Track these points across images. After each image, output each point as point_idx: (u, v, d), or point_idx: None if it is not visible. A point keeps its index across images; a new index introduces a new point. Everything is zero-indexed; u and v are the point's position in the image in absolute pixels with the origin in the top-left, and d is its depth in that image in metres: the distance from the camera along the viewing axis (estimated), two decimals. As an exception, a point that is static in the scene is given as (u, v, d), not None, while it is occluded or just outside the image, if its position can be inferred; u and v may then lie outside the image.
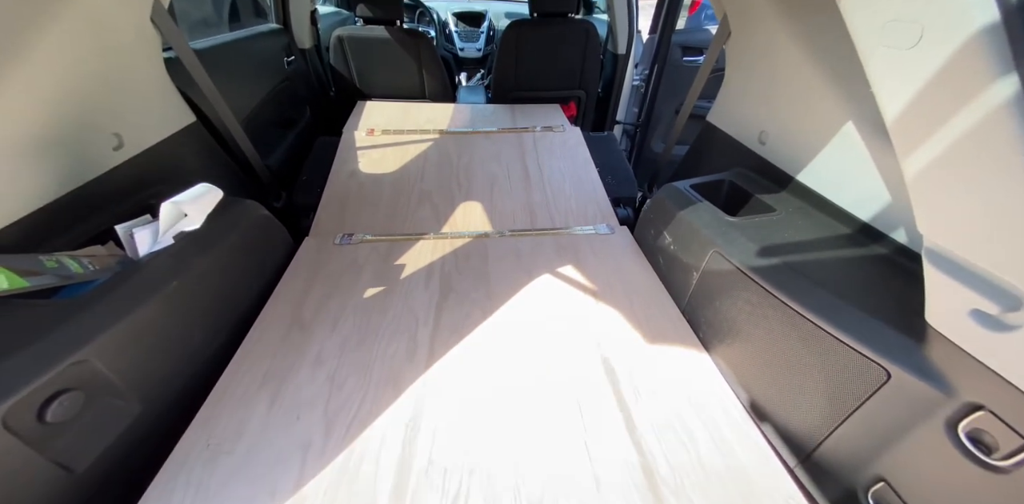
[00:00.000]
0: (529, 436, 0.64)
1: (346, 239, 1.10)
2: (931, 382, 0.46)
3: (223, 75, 1.10)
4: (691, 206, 0.91)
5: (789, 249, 0.70)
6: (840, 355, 0.55)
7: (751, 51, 0.97)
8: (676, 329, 0.85)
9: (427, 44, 1.97)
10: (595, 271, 1.01)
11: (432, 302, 0.90)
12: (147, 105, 0.89)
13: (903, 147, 0.45)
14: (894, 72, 0.44)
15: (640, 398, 0.71)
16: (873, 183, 0.67)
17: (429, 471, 0.58)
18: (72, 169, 0.70)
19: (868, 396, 0.52)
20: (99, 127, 0.76)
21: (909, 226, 0.63)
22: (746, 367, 0.72)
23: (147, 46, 0.88)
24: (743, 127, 1.04)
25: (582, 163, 1.47)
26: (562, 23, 1.99)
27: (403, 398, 0.68)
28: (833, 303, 0.58)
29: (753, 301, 0.69)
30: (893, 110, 0.45)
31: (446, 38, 3.40)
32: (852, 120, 0.70)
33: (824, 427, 0.59)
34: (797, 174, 0.85)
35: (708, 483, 0.58)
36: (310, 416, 0.64)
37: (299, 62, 1.85)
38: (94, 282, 0.60)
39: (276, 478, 0.56)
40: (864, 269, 0.64)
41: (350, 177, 1.32)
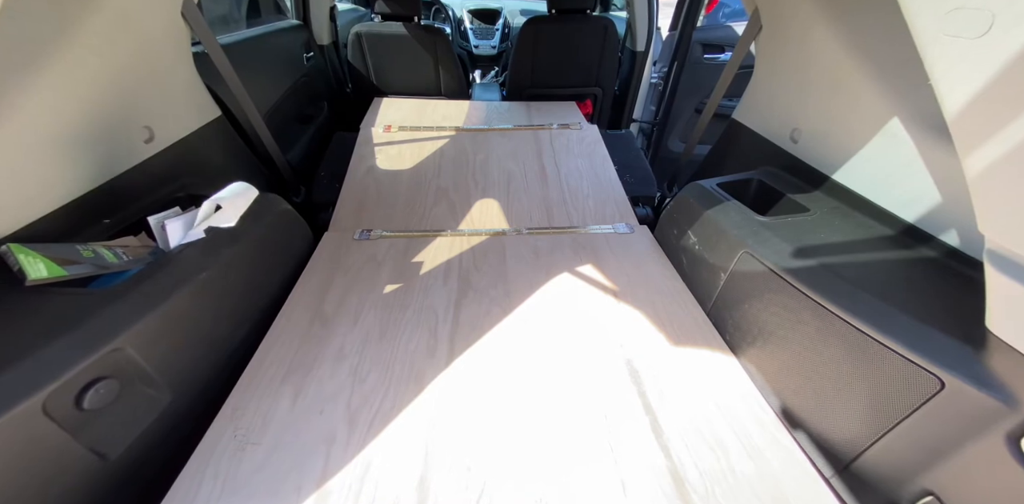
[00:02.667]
0: (552, 436, 0.62)
1: (364, 235, 1.10)
2: (992, 392, 0.43)
3: (245, 70, 1.11)
4: (718, 205, 0.88)
5: (827, 250, 0.67)
6: (886, 362, 0.53)
7: (783, 46, 0.94)
8: (701, 331, 0.83)
9: (443, 40, 1.97)
10: (615, 271, 0.99)
11: (451, 299, 0.90)
12: (176, 99, 0.90)
13: (965, 143, 0.43)
14: (958, 63, 0.41)
15: (666, 401, 0.69)
16: (920, 182, 0.64)
17: (453, 468, 0.57)
18: (105, 161, 0.71)
19: (917, 406, 0.50)
20: (131, 120, 0.77)
21: (963, 228, 0.60)
22: (778, 372, 0.69)
23: (177, 40, 0.89)
24: (773, 125, 1.01)
25: (600, 161, 1.45)
26: (581, 20, 1.97)
27: (425, 394, 0.68)
28: (879, 307, 0.55)
29: (787, 304, 0.66)
30: (955, 103, 0.42)
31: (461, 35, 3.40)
32: (897, 116, 0.67)
33: (865, 437, 0.56)
34: (833, 173, 0.82)
35: (739, 490, 0.56)
36: (333, 410, 0.64)
37: (317, 58, 1.86)
38: (128, 272, 0.61)
39: (302, 472, 0.56)
40: (911, 273, 0.61)
41: (367, 173, 1.32)
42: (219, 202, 0.69)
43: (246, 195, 0.74)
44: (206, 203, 0.68)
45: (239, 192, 0.73)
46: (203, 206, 0.68)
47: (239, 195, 0.72)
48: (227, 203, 0.70)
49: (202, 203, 0.68)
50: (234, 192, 0.72)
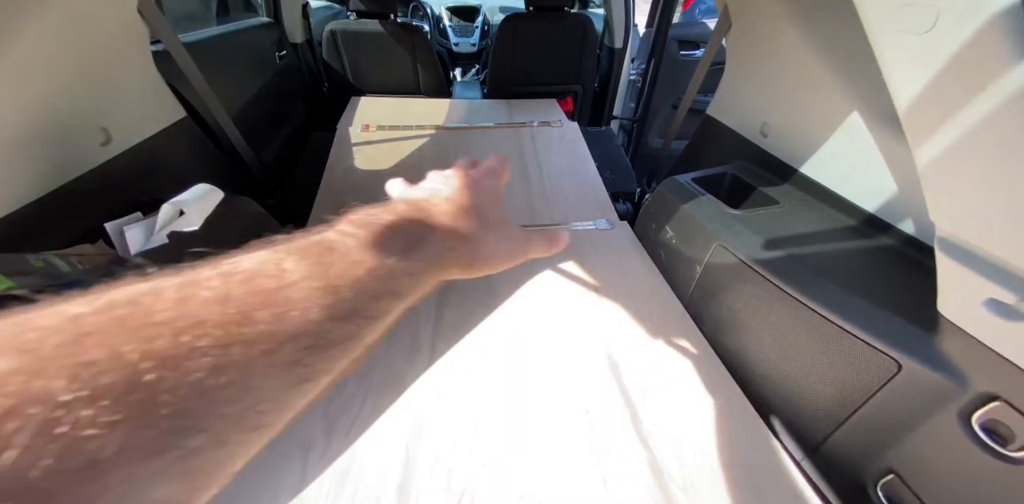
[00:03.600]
0: (535, 434, 0.63)
1: (343, 237, 1.08)
2: (944, 373, 0.46)
3: (213, 69, 1.07)
4: (693, 199, 0.90)
5: (794, 241, 0.70)
6: (849, 347, 0.55)
7: (752, 42, 0.96)
8: (680, 323, 0.84)
9: (421, 38, 1.94)
10: (596, 267, 1.00)
11: (432, 301, 0.89)
12: (135, 99, 0.86)
13: (916, 135, 0.44)
14: (908, 58, 0.43)
15: (645, 394, 0.70)
16: (880, 173, 0.66)
17: (434, 470, 0.57)
18: (57, 165, 0.67)
19: (878, 388, 0.52)
20: (85, 122, 0.73)
21: (918, 216, 0.63)
22: (751, 360, 0.71)
23: (134, 38, 0.85)
24: (745, 120, 1.03)
25: (580, 158, 1.46)
26: (559, 17, 1.97)
27: (405, 397, 0.67)
28: (840, 294, 0.57)
29: (758, 294, 0.68)
30: (906, 97, 0.44)
31: (440, 33, 3.36)
32: (858, 110, 0.69)
33: (832, 420, 0.58)
34: (801, 166, 0.85)
35: (717, 479, 0.58)
36: (310, 418, 0.62)
37: (291, 57, 1.81)
38: (83, 281, 0.58)
39: (278, 481, 0.54)
40: (872, 260, 0.64)
41: (346, 174, 1.30)
42: (181, 206, 0.66)
43: (210, 197, 0.71)
44: (166, 206, 0.65)
45: (202, 194, 0.70)
46: (162, 210, 0.65)
47: (203, 197, 0.70)
48: (190, 206, 0.67)
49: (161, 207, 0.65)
50: (197, 194, 0.69)
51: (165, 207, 0.65)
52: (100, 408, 0.10)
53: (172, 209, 0.66)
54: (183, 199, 0.67)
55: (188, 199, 0.68)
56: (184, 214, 0.66)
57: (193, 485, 0.12)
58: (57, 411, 0.10)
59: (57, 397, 0.10)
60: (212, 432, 0.12)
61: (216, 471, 0.13)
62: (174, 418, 0.11)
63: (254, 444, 0.14)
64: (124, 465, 0.10)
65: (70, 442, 0.10)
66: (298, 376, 0.15)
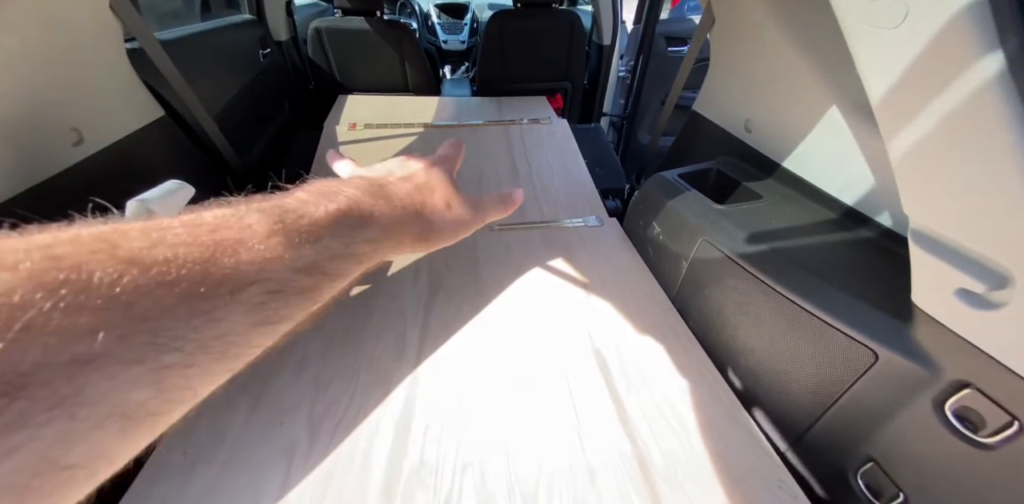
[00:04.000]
0: (522, 431, 0.63)
1: (330, 237, 1.07)
2: (918, 362, 0.46)
3: (193, 68, 1.05)
4: (679, 195, 0.90)
5: (776, 235, 0.70)
6: (829, 338, 0.56)
7: (735, 38, 0.97)
8: (666, 318, 0.85)
9: (409, 36, 1.92)
10: (585, 264, 1.01)
11: (420, 300, 0.88)
12: (109, 98, 0.84)
13: (889, 128, 0.45)
14: (880, 52, 0.43)
15: (632, 388, 0.70)
16: (858, 167, 0.67)
17: (420, 471, 0.57)
18: (25, 166, 0.66)
19: (856, 378, 0.53)
20: (55, 122, 0.71)
21: (894, 209, 0.64)
22: (736, 354, 0.72)
23: (106, 36, 0.83)
24: (729, 115, 1.04)
25: (570, 155, 1.46)
26: (546, 14, 1.96)
27: (391, 398, 0.67)
28: (820, 286, 0.58)
29: (741, 288, 0.69)
30: (879, 91, 0.44)
31: (429, 30, 3.33)
32: (837, 105, 0.70)
33: (814, 411, 0.59)
34: (783, 161, 0.85)
35: (701, 470, 0.58)
36: (294, 420, 0.62)
37: (275, 55, 1.78)
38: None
39: (259, 486, 0.54)
40: (851, 253, 0.64)
41: (332, 174, 1.28)
42: (148, 203, 0.64)
43: (180, 193, 0.68)
44: (131, 203, 0.63)
45: (171, 190, 0.67)
46: (128, 208, 0.62)
47: (171, 194, 0.67)
48: (157, 204, 0.64)
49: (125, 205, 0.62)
50: (164, 191, 0.66)
51: (131, 204, 0.62)
52: (79, 318, 0.11)
53: (139, 206, 0.63)
54: (149, 196, 0.64)
55: (155, 196, 0.65)
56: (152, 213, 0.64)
57: (166, 396, 0.13)
58: (39, 317, 0.11)
59: (38, 306, 0.11)
60: (183, 352, 0.13)
61: (186, 388, 0.14)
62: (149, 334, 0.12)
63: (219, 372, 0.15)
64: (104, 367, 0.11)
65: (55, 342, 0.11)
66: (262, 317, 0.16)
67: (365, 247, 0.21)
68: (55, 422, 0.10)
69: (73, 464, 0.11)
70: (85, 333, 0.11)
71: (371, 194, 0.23)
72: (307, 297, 0.17)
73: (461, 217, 0.28)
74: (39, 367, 0.10)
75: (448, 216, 0.27)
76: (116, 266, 0.12)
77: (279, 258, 0.16)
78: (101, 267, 0.12)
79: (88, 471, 0.11)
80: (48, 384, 0.10)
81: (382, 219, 0.22)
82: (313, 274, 0.18)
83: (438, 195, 0.27)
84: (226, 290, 0.14)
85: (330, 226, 0.19)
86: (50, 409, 0.10)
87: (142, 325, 0.12)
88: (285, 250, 0.17)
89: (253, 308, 0.15)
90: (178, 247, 0.14)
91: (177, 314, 0.13)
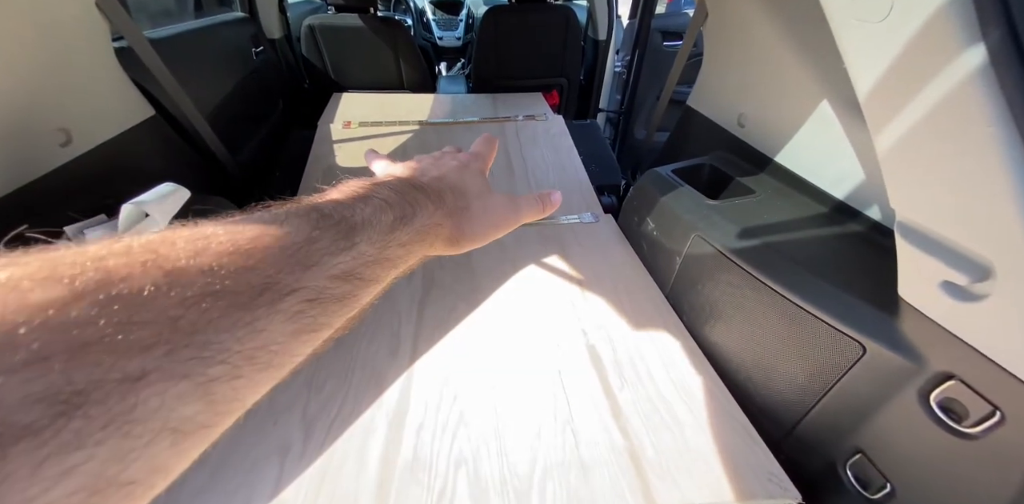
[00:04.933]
0: (516, 427, 0.64)
1: (325, 236, 1.07)
2: (904, 354, 0.47)
3: (184, 66, 1.04)
4: (673, 191, 0.90)
5: (768, 230, 0.71)
6: (818, 332, 0.56)
7: (728, 32, 0.96)
8: (661, 315, 0.85)
9: (404, 33, 1.91)
10: (580, 260, 1.01)
11: (415, 298, 0.89)
12: (97, 98, 0.84)
13: (875, 122, 0.45)
14: (865, 46, 0.43)
15: (626, 384, 0.71)
16: (848, 161, 0.67)
17: (413, 467, 0.57)
18: (12, 167, 0.65)
19: (845, 371, 0.53)
20: (41, 122, 0.71)
21: (883, 203, 0.64)
22: (729, 349, 0.73)
23: (93, 35, 0.82)
24: (722, 110, 1.03)
25: (565, 152, 1.45)
26: (541, 9, 1.95)
27: (385, 396, 0.67)
28: (810, 280, 0.58)
29: (734, 283, 0.69)
30: (865, 85, 0.44)
31: (424, 27, 3.31)
32: (828, 100, 0.70)
33: (804, 404, 0.60)
34: (776, 155, 0.85)
35: (694, 464, 0.59)
36: (288, 420, 0.62)
37: (268, 53, 1.77)
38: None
39: (252, 486, 0.54)
40: (840, 246, 0.65)
41: (327, 172, 1.28)
42: (143, 206, 0.65)
43: (175, 196, 0.69)
44: (126, 207, 0.63)
45: (166, 193, 0.68)
46: (123, 211, 0.63)
47: (166, 196, 0.67)
48: (152, 207, 0.65)
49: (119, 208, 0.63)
50: (160, 194, 0.67)
51: (126, 208, 0.63)
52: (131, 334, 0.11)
53: (134, 210, 0.64)
54: (144, 199, 0.65)
55: (150, 199, 0.65)
56: (148, 216, 0.64)
57: (215, 409, 0.13)
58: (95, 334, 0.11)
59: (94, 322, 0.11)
60: (229, 364, 0.13)
61: (234, 400, 0.14)
62: (196, 348, 0.12)
63: (264, 382, 0.15)
64: (155, 383, 0.11)
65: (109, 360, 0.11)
66: (302, 325, 0.16)
67: (398, 251, 0.21)
68: (110, 440, 0.10)
69: (130, 481, 0.11)
70: (137, 349, 0.11)
71: (404, 196, 0.23)
72: (345, 304, 0.18)
73: (495, 219, 0.27)
74: (95, 386, 0.10)
75: (482, 218, 0.27)
76: (164, 278, 0.13)
77: (316, 266, 0.17)
78: (151, 280, 0.12)
79: (145, 486, 0.12)
80: (102, 402, 0.10)
81: (415, 222, 0.22)
82: (350, 280, 0.18)
83: (472, 195, 0.27)
84: (267, 300, 0.15)
85: (364, 231, 0.19)
86: (104, 427, 0.10)
87: (189, 339, 0.12)
88: (322, 257, 0.17)
89: (293, 317, 0.15)
90: (222, 256, 0.14)
91: (221, 326, 0.13)
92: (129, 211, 0.63)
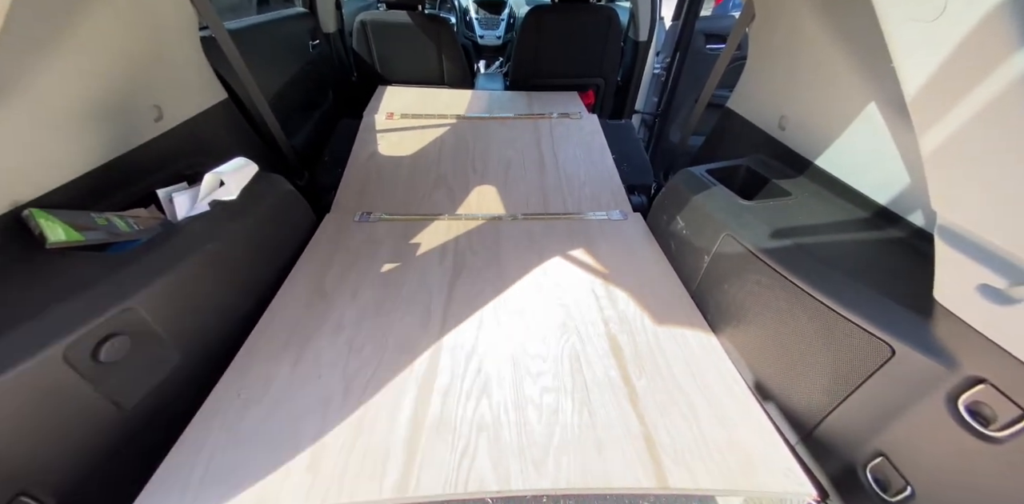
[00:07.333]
0: (535, 403, 0.67)
1: (365, 217, 1.14)
2: (935, 357, 0.47)
3: (252, 56, 1.14)
4: (705, 190, 0.91)
5: (801, 232, 0.70)
6: (846, 333, 0.56)
7: (775, 34, 0.95)
8: (684, 311, 0.86)
9: (448, 30, 1.98)
10: (606, 255, 1.03)
11: (445, 278, 0.94)
12: (184, 81, 0.94)
13: (922, 123, 0.45)
14: (917, 46, 0.43)
15: (645, 373, 0.73)
16: (894, 165, 0.66)
17: (439, 427, 0.62)
18: (118, 137, 0.76)
19: (871, 373, 0.53)
20: (141, 99, 0.81)
21: (927, 207, 0.63)
22: (753, 347, 0.73)
23: (184, 24, 0.93)
24: (763, 113, 1.02)
25: (598, 150, 1.47)
26: (584, 9, 1.97)
27: (416, 363, 0.72)
28: (841, 281, 0.58)
29: (763, 282, 0.70)
30: (914, 85, 0.44)
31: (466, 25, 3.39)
32: (876, 102, 0.69)
33: (827, 405, 0.60)
34: (816, 158, 0.84)
35: (708, 454, 0.60)
36: (331, 376, 0.69)
37: (323, 46, 1.88)
38: (138, 241, 0.65)
39: (299, 428, 0.61)
40: (877, 251, 0.64)
41: (370, 159, 1.36)
42: (221, 176, 0.73)
43: (246, 170, 0.78)
44: (208, 176, 0.72)
45: (240, 166, 0.77)
46: (205, 179, 0.72)
47: (239, 169, 0.77)
48: (228, 177, 0.74)
49: (204, 177, 0.72)
50: (235, 166, 0.76)
51: (208, 176, 0.72)
52: None
53: (213, 178, 0.73)
54: (223, 170, 0.74)
55: (227, 170, 0.75)
56: (224, 184, 0.73)
57: None
58: None
59: None
60: None
61: None
62: None
63: None
64: None
65: None
66: None
67: None
68: None
69: None
70: None
71: None
72: None
73: None
74: None
75: None
76: None
77: None
78: None
79: None
80: None
81: None
82: None
83: None
84: None
85: None
86: None
87: None
88: None
89: None
90: None
91: None
92: (209, 179, 0.72)
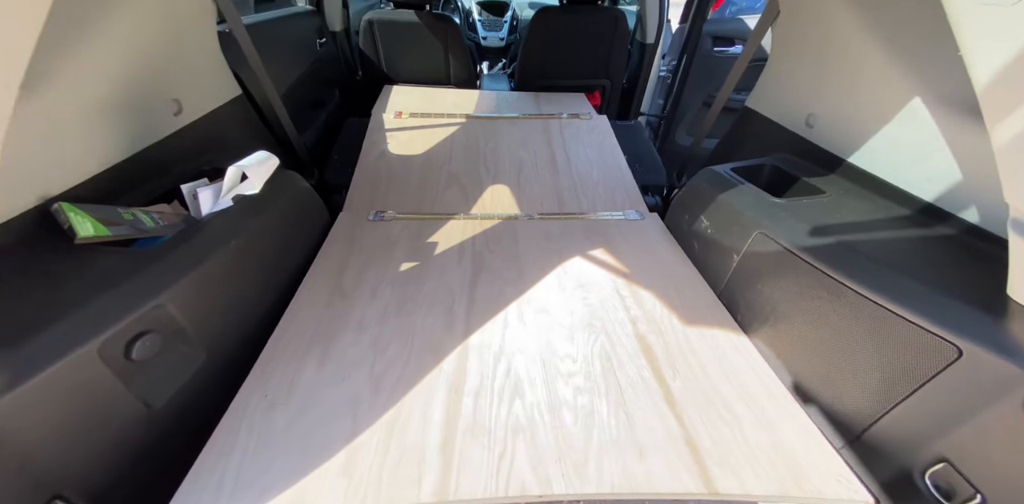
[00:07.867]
0: (570, 404, 0.64)
1: (379, 216, 1.11)
2: (1010, 358, 0.44)
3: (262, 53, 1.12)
4: (732, 188, 0.89)
5: (843, 229, 0.68)
6: (902, 333, 0.54)
7: (801, 30, 0.95)
8: (713, 311, 0.84)
9: (454, 30, 1.97)
10: (627, 255, 1.00)
11: (465, 278, 0.91)
12: (202, 75, 0.92)
13: (994, 113, 0.43)
14: (991, 32, 0.42)
15: (679, 375, 0.70)
16: (940, 161, 0.65)
17: (474, 430, 0.59)
18: (139, 131, 0.73)
19: (934, 375, 0.51)
20: (161, 93, 0.79)
21: (984, 203, 0.61)
22: (790, 348, 0.71)
23: (204, 18, 0.90)
24: (788, 111, 1.01)
25: (609, 150, 1.45)
26: (591, 11, 1.97)
27: (444, 364, 0.69)
28: (897, 281, 0.56)
29: (802, 282, 0.67)
30: (986, 74, 0.43)
31: (469, 27, 3.39)
32: (919, 96, 0.67)
33: (878, 408, 0.57)
34: (849, 156, 0.83)
35: (754, 459, 0.57)
36: (357, 376, 0.65)
37: (330, 44, 1.85)
38: (163, 236, 0.62)
39: (330, 431, 0.58)
40: (930, 249, 0.62)
41: (379, 158, 1.33)
42: (244, 169, 0.70)
43: (268, 163, 0.75)
44: (231, 169, 0.70)
45: (262, 160, 0.74)
46: (228, 172, 0.69)
47: (262, 163, 0.74)
48: (251, 170, 0.71)
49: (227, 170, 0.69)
50: (258, 160, 0.74)
51: (231, 170, 0.69)
52: None
53: (236, 172, 0.70)
54: (245, 163, 0.71)
55: (250, 163, 0.71)
56: (246, 178, 0.70)
57: None
58: None
59: None
60: None
61: None
62: None
63: None
64: None
65: None
66: None
67: None
68: None
69: None
70: None
71: None
72: None
73: None
74: None
75: None
76: None
77: None
78: None
79: None
80: None
81: None
82: None
83: None
84: None
85: None
86: None
87: None
88: None
89: None
90: None
91: None
92: (232, 173, 0.69)
